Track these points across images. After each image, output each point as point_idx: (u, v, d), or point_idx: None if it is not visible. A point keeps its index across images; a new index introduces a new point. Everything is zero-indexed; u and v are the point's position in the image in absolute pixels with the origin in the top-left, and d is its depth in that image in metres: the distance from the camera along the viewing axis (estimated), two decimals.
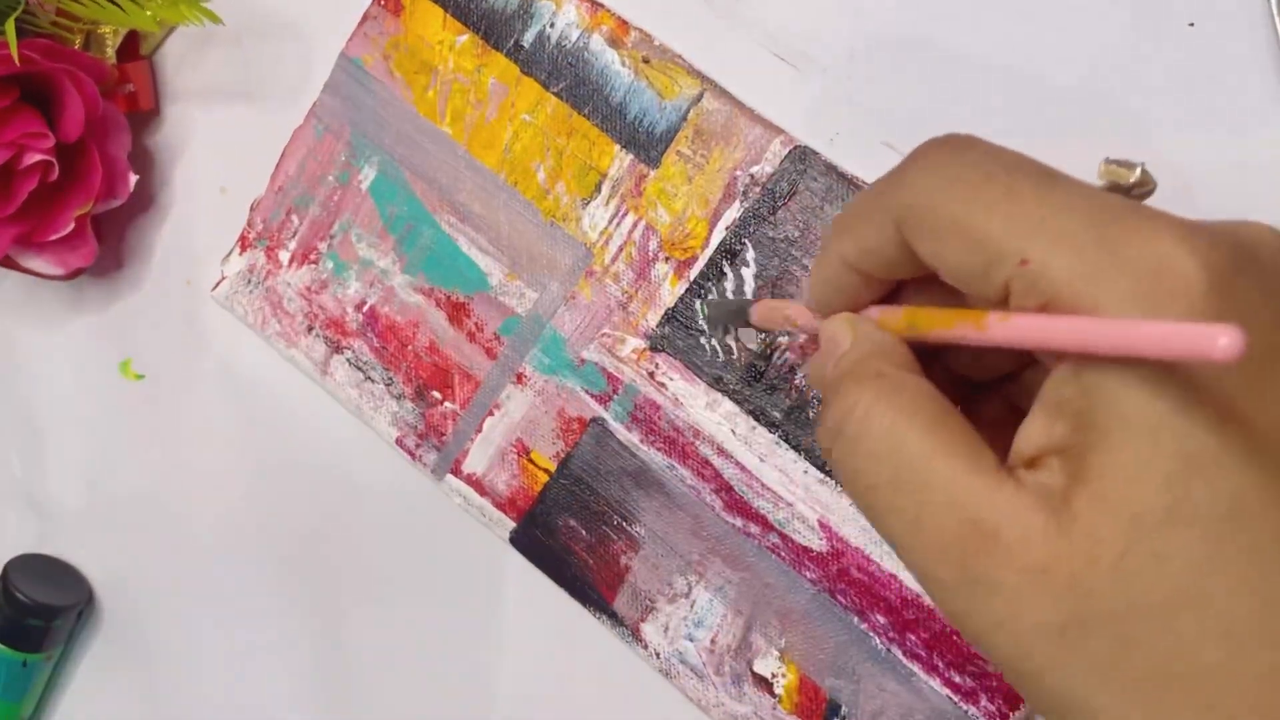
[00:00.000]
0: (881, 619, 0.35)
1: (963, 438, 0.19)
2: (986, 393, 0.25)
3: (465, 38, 0.39)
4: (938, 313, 0.21)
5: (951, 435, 0.19)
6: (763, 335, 0.35)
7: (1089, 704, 0.18)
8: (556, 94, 0.38)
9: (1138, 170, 0.20)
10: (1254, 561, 0.17)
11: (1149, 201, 0.20)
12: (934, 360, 0.23)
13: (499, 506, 0.40)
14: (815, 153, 0.35)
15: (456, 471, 0.41)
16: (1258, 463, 0.17)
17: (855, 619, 0.35)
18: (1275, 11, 0.30)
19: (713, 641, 0.37)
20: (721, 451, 0.37)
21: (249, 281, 0.44)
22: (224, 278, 0.44)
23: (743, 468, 0.37)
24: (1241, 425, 0.17)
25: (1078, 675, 0.17)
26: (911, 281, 0.23)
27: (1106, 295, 0.17)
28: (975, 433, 0.20)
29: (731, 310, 0.35)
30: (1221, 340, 0.15)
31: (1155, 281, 0.17)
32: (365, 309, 0.42)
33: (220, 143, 0.45)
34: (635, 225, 0.38)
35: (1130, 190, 0.20)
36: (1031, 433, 0.19)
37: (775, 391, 0.36)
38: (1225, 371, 0.17)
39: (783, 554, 0.36)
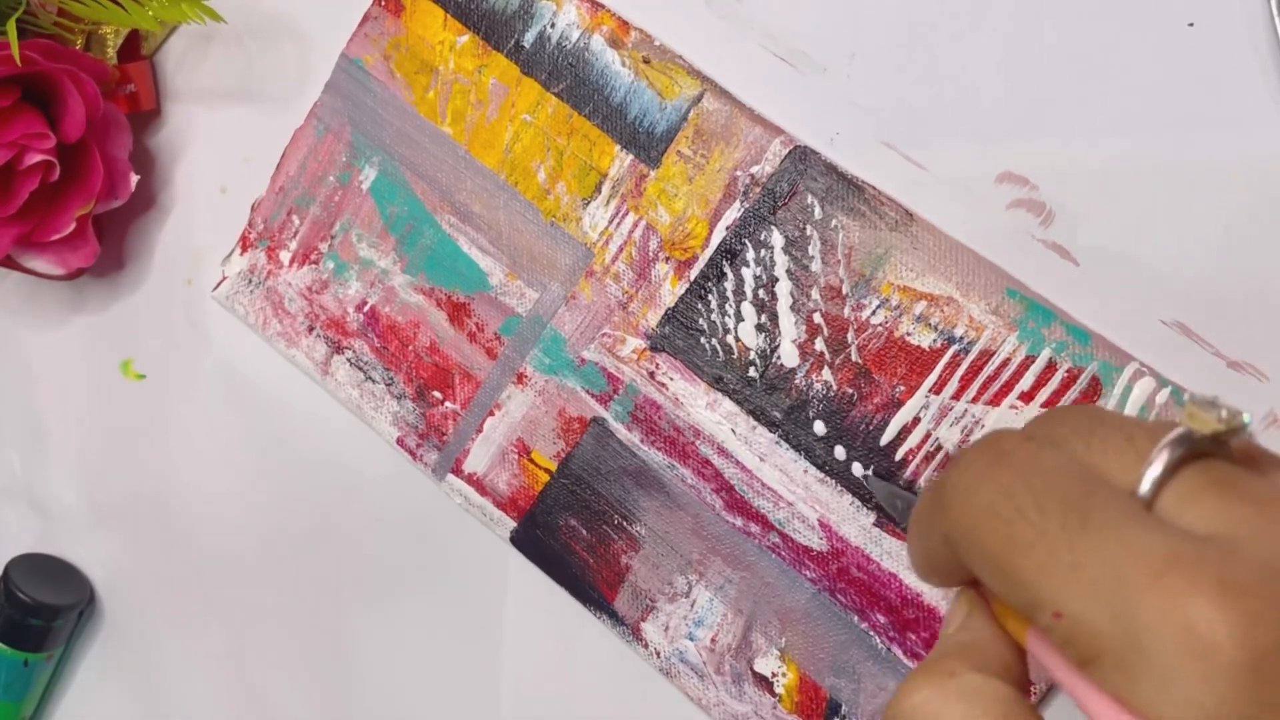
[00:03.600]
0: (882, 618, 0.35)
1: None
2: None
3: (466, 38, 0.40)
4: (1014, 622, 0.20)
5: None
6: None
7: None
8: (557, 94, 0.38)
9: (1222, 412, 0.18)
10: None
11: (1263, 438, 0.17)
12: None
13: (500, 506, 0.40)
14: (815, 153, 0.35)
15: (457, 471, 0.41)
16: None
17: (855, 618, 0.35)
18: (1275, 11, 0.30)
19: (713, 641, 0.37)
20: (722, 451, 0.37)
21: (250, 281, 0.44)
22: (225, 278, 0.44)
23: (743, 467, 0.37)
24: None
25: None
26: None
27: (1139, 669, 0.16)
28: None
29: (896, 498, 0.35)
30: None
31: (1186, 658, 0.16)
32: (366, 309, 0.42)
33: (221, 143, 0.45)
34: (635, 225, 0.38)
35: (1216, 438, 0.18)
36: None
37: (775, 391, 0.36)
38: None
39: (783, 553, 0.36)
